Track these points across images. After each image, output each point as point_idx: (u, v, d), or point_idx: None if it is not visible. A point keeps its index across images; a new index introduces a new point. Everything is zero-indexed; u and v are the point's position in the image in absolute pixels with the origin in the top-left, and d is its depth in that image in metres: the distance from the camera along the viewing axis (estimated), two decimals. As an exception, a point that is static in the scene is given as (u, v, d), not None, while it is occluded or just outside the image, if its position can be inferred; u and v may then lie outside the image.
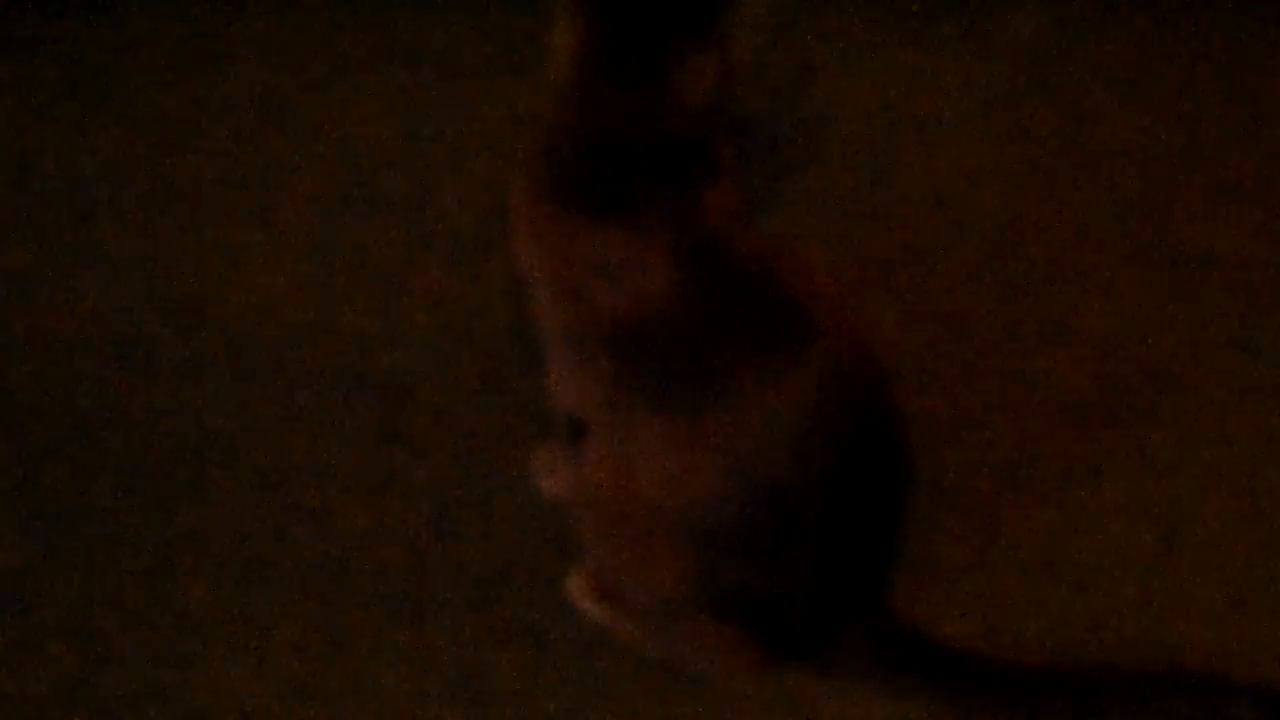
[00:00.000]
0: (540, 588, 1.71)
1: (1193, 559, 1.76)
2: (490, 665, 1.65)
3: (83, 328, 1.92)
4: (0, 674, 1.64)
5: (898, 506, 1.57)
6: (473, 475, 1.80)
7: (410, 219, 2.04)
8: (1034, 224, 2.06)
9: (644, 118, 1.55)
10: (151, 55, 2.23)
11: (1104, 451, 1.85)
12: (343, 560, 1.73)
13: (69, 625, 1.68)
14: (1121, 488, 1.82)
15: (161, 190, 2.06)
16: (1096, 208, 2.09)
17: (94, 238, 2.01)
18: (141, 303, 1.95)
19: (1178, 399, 1.90)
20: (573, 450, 1.66)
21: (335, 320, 1.94)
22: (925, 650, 1.58)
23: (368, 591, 1.71)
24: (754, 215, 1.68)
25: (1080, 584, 1.74)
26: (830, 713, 1.62)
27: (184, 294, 1.96)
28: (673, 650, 1.63)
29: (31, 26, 2.27)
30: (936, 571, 1.74)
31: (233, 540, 1.74)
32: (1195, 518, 1.79)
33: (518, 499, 1.79)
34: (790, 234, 2.01)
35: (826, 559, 1.52)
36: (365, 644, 1.66)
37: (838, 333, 1.52)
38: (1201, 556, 1.76)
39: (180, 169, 2.08)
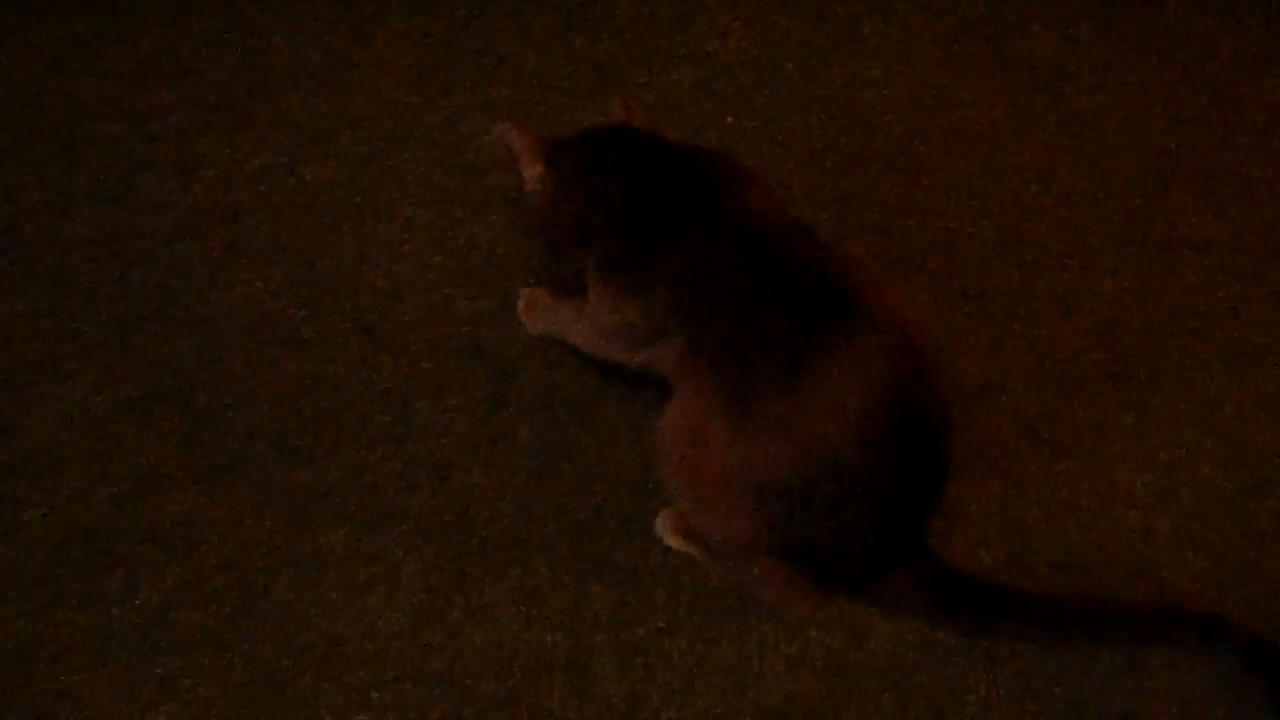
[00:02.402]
0: (632, 528, 1.76)
1: (1189, 500, 1.82)
2: (589, 595, 1.71)
3: (235, 311, 1.97)
4: (173, 604, 1.71)
5: (939, 469, 1.60)
6: (569, 434, 1.84)
7: (514, 213, 2.08)
8: (1045, 214, 2.09)
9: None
10: (294, 75, 2.26)
11: (1111, 408, 1.89)
12: (460, 508, 1.78)
13: (230, 563, 1.74)
14: (1126, 439, 1.86)
15: (302, 192, 2.11)
16: (1099, 200, 2.11)
17: (244, 234, 2.06)
18: (285, 289, 2.00)
19: (1174, 363, 1.93)
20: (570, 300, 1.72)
21: (452, 302, 1.98)
22: (957, 582, 1.64)
23: (482, 534, 1.76)
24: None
25: (1091, 523, 1.78)
26: (878, 633, 1.69)
27: (321, 281, 2.00)
28: (744, 582, 1.69)
29: (192, 54, 2.30)
30: (968, 512, 1.78)
31: (366, 490, 1.79)
32: (1190, 465, 1.85)
33: (608, 453, 1.82)
34: (840, 226, 2.07)
35: (877, 516, 1.55)
36: (481, 579, 1.72)
37: (888, 316, 1.52)
38: (1196, 498, 1.82)
39: (318, 172, 2.13)
